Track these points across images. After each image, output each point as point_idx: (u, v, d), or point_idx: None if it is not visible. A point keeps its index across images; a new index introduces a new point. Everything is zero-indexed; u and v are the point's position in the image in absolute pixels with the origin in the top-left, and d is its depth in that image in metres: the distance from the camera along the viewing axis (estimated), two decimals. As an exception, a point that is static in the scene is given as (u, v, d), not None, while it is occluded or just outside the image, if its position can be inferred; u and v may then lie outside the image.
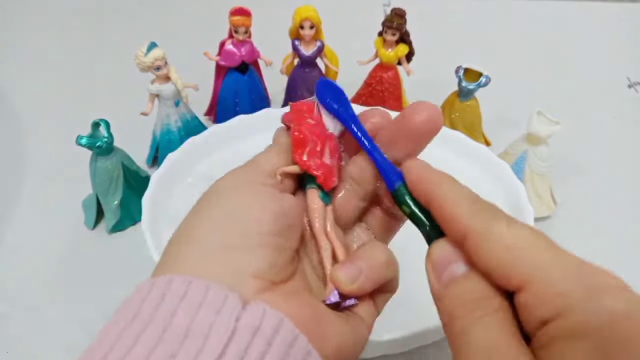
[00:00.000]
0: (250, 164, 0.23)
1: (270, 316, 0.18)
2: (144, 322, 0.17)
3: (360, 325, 0.23)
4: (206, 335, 0.17)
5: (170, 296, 0.18)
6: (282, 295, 0.20)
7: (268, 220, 0.21)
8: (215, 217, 0.21)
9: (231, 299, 0.18)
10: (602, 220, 0.47)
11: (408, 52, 0.49)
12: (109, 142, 0.41)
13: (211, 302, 0.18)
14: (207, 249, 0.20)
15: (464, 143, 0.45)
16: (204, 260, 0.19)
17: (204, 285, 0.18)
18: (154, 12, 0.77)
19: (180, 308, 0.17)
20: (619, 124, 0.58)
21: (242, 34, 0.48)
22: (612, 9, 0.80)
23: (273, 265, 0.20)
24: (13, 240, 0.44)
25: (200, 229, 0.21)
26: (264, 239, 0.20)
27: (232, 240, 0.20)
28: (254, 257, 0.20)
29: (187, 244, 0.20)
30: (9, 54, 0.68)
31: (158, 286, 0.18)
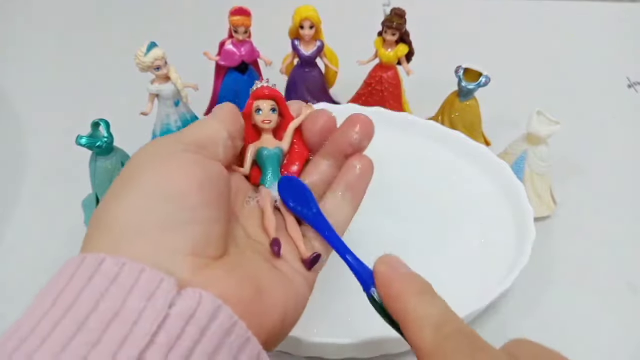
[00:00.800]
0: (168, 137, 0.22)
1: (206, 302, 0.17)
2: (68, 305, 0.16)
3: (302, 284, 0.23)
4: (134, 322, 0.16)
5: (100, 277, 0.17)
6: (223, 271, 0.19)
7: (194, 191, 0.19)
8: (138, 195, 0.19)
9: (166, 283, 0.17)
10: (602, 220, 0.47)
11: (408, 52, 0.49)
12: (109, 142, 0.41)
13: (144, 286, 0.16)
14: (131, 232, 0.18)
15: (464, 143, 0.45)
16: (128, 245, 0.18)
17: (139, 268, 0.17)
18: (154, 12, 0.77)
19: (110, 291, 0.16)
20: (619, 124, 0.58)
21: (242, 34, 0.48)
22: (612, 9, 0.80)
23: (209, 241, 0.19)
24: (13, 240, 0.44)
25: (123, 210, 0.19)
26: (193, 213, 0.19)
27: (158, 218, 0.19)
28: (187, 234, 0.19)
29: (111, 227, 0.19)
30: (9, 54, 0.68)
31: (87, 265, 0.17)
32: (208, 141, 0.22)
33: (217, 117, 0.24)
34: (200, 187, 0.20)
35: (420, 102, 0.55)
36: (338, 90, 0.56)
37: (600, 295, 0.41)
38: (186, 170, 0.20)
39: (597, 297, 0.41)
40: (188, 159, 0.21)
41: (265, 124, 0.26)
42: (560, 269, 0.42)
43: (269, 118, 0.26)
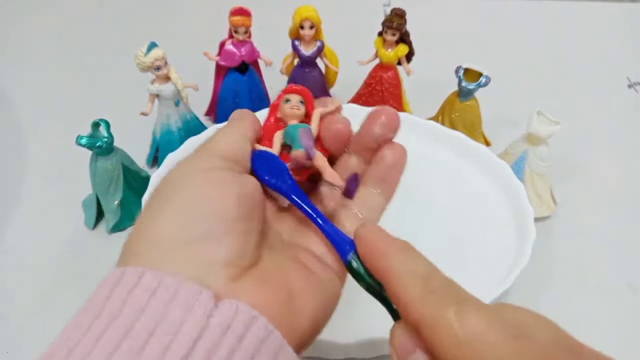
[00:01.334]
0: (201, 151, 0.23)
1: (242, 313, 0.18)
2: (110, 316, 0.17)
3: (334, 281, 0.23)
4: (176, 332, 0.16)
5: (140, 290, 0.17)
6: (256, 281, 0.20)
7: (233, 205, 0.20)
8: (174, 210, 0.20)
9: (204, 295, 0.17)
10: (602, 220, 0.47)
11: (408, 52, 0.49)
12: (109, 142, 0.41)
13: (183, 298, 0.17)
14: (171, 245, 0.19)
15: (464, 143, 0.45)
16: (169, 257, 0.19)
17: (176, 282, 0.18)
18: (154, 12, 0.77)
19: (150, 304, 0.17)
20: (619, 124, 0.58)
21: (242, 34, 0.48)
22: (612, 9, 0.80)
23: (243, 252, 0.20)
24: (13, 240, 0.44)
25: (159, 226, 0.20)
26: (230, 226, 0.20)
27: (198, 231, 0.19)
28: (223, 246, 0.19)
29: (149, 241, 0.19)
30: (9, 54, 0.68)
31: (128, 279, 0.18)
32: (239, 155, 0.23)
33: (238, 127, 0.24)
34: (237, 202, 0.20)
35: (420, 102, 0.55)
36: (338, 90, 0.56)
37: (600, 295, 0.41)
38: (224, 185, 0.21)
39: (597, 297, 0.41)
40: (225, 174, 0.21)
41: (294, 110, 0.26)
42: (560, 269, 0.42)
43: (297, 105, 0.27)
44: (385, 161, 0.26)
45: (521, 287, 0.40)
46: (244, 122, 0.25)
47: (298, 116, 0.27)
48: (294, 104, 0.26)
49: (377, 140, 0.26)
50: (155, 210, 0.20)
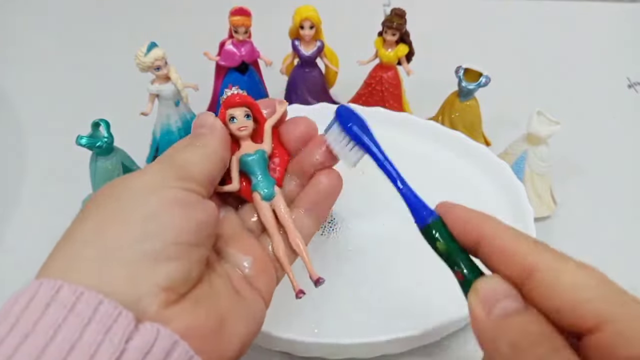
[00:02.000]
0: (170, 164, 0.22)
1: (163, 338, 0.17)
2: (23, 334, 0.16)
3: (261, 306, 0.23)
4: (91, 356, 0.16)
5: (56, 306, 0.16)
6: (190, 304, 0.19)
7: (191, 231, 0.20)
8: (129, 221, 0.19)
9: (124, 317, 0.17)
10: (602, 220, 0.47)
11: (408, 52, 0.49)
12: (109, 142, 0.41)
13: (101, 318, 0.16)
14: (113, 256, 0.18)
15: (464, 143, 0.45)
16: (107, 269, 0.18)
17: (96, 299, 0.17)
18: (154, 12, 0.77)
19: (67, 322, 0.16)
20: (619, 124, 0.58)
21: (242, 34, 0.48)
22: (612, 9, 0.80)
23: (186, 279, 0.20)
24: (13, 240, 0.44)
25: (109, 233, 0.19)
26: (183, 251, 0.19)
27: (146, 248, 0.18)
28: (168, 269, 0.19)
29: (89, 246, 0.19)
30: (9, 54, 0.68)
31: (44, 292, 0.17)
32: (206, 178, 0.22)
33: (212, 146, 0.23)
34: (196, 228, 0.20)
35: (420, 102, 0.55)
36: (338, 90, 0.56)
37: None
38: (187, 209, 0.20)
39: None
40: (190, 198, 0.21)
41: (241, 131, 0.25)
42: (560, 269, 0.42)
43: (244, 124, 0.25)
44: (320, 187, 0.26)
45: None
46: (217, 139, 0.24)
47: (247, 135, 0.26)
48: (240, 123, 0.25)
49: (315, 167, 0.26)
50: (108, 214, 0.19)
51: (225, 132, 0.24)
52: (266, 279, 0.24)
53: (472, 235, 0.20)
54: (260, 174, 0.26)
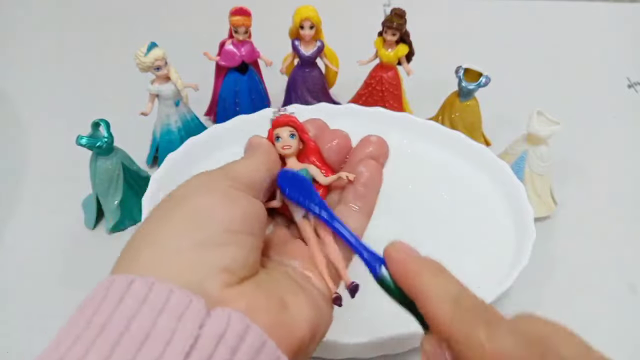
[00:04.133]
0: (218, 170, 0.23)
1: (235, 322, 0.17)
2: (100, 326, 0.16)
3: (324, 299, 0.23)
4: (167, 342, 0.16)
5: (130, 299, 0.17)
6: (251, 287, 0.20)
7: (238, 219, 0.21)
8: (181, 217, 0.20)
9: (195, 303, 0.17)
10: (602, 220, 0.47)
11: (408, 52, 0.49)
12: (109, 142, 0.41)
13: (174, 306, 0.17)
14: (171, 248, 0.19)
15: (464, 143, 0.45)
16: (168, 260, 0.19)
17: (167, 289, 0.17)
18: (154, 12, 0.77)
19: (141, 312, 0.16)
20: (619, 124, 0.58)
21: (242, 34, 0.48)
22: (612, 9, 0.80)
23: (243, 263, 0.20)
24: (12, 241, 0.44)
25: (164, 230, 0.20)
26: (234, 237, 0.20)
27: (200, 237, 0.19)
28: (224, 253, 0.20)
29: (149, 244, 0.19)
30: (9, 54, 0.68)
31: (117, 287, 0.17)
32: (254, 182, 0.24)
33: (260, 158, 0.25)
34: (243, 217, 0.21)
35: (420, 102, 0.55)
36: (338, 90, 0.56)
37: (600, 295, 0.41)
38: (232, 202, 0.21)
39: (597, 297, 0.41)
40: (234, 193, 0.22)
41: (285, 150, 0.27)
42: (560, 269, 0.42)
43: (288, 143, 0.27)
44: (361, 178, 0.27)
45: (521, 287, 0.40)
46: (264, 152, 0.25)
47: (292, 154, 0.27)
48: (284, 142, 0.26)
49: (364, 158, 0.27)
50: (161, 216, 0.21)
51: (271, 147, 0.26)
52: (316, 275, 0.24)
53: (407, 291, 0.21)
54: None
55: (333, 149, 0.28)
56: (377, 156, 0.28)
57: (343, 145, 0.28)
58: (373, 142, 0.28)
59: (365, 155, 0.28)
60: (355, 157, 0.28)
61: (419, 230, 0.40)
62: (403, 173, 0.44)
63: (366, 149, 0.28)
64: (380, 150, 0.28)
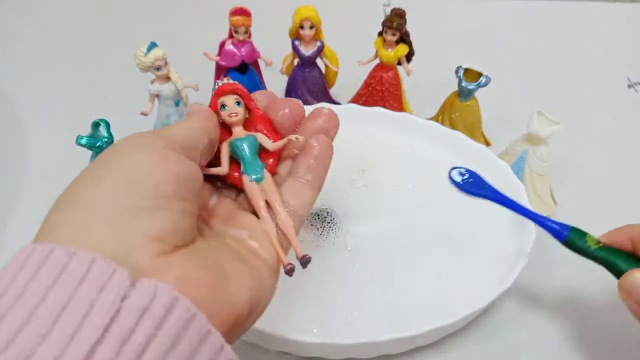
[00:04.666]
0: (156, 132, 0.22)
1: (162, 295, 0.16)
2: (15, 297, 0.15)
3: (268, 275, 0.23)
4: (85, 314, 0.15)
5: (49, 267, 0.16)
6: (186, 255, 0.19)
7: (170, 182, 0.20)
8: (110, 178, 0.19)
9: (118, 274, 0.16)
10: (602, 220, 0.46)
11: (408, 52, 0.49)
12: (109, 142, 0.41)
13: (95, 277, 0.16)
14: (98, 213, 0.18)
15: (464, 143, 0.45)
16: (94, 226, 0.18)
17: (89, 258, 0.16)
18: (154, 12, 0.77)
19: (59, 282, 0.16)
20: (619, 124, 0.58)
21: (242, 34, 0.48)
22: (612, 9, 0.80)
23: (175, 229, 0.19)
24: (13, 241, 0.44)
25: (91, 192, 0.19)
26: (165, 202, 0.19)
27: (129, 202, 0.18)
28: (154, 219, 0.19)
29: (75, 208, 0.18)
30: (9, 54, 0.68)
31: (36, 256, 0.16)
32: (189, 143, 0.23)
33: (198, 121, 0.24)
34: (176, 179, 0.20)
35: (420, 102, 0.55)
36: (338, 90, 0.56)
37: (600, 295, 0.41)
38: (164, 162, 0.20)
39: (597, 297, 0.41)
40: (167, 153, 0.21)
41: (232, 117, 0.26)
42: (560, 269, 0.42)
43: (235, 111, 0.26)
44: (313, 151, 0.27)
45: (521, 287, 0.40)
46: (203, 116, 0.25)
47: (239, 121, 0.27)
48: (231, 109, 0.26)
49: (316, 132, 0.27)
50: (90, 177, 0.20)
51: (211, 112, 0.25)
52: (268, 248, 0.24)
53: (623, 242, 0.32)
54: (250, 158, 0.26)
55: (286, 116, 0.28)
56: (327, 129, 0.28)
57: (296, 113, 0.28)
58: (324, 113, 0.28)
59: (316, 127, 0.28)
60: (306, 128, 0.28)
61: (419, 230, 0.40)
62: (403, 173, 0.44)
63: (317, 120, 0.28)
64: (331, 123, 0.28)
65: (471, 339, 0.37)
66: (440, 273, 0.37)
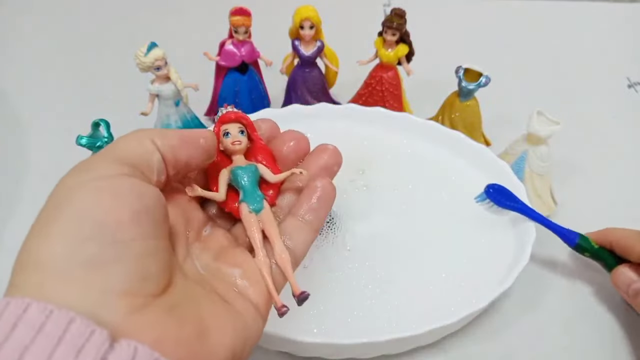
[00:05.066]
0: (95, 156, 0.20)
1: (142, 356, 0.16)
2: None
3: (255, 318, 0.22)
4: None
5: (24, 326, 0.15)
6: (162, 311, 0.18)
7: (127, 222, 0.18)
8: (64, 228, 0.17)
9: (97, 335, 0.15)
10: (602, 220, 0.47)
11: (408, 52, 0.49)
12: (109, 142, 0.40)
13: (72, 338, 0.15)
14: (60, 269, 0.17)
15: (464, 143, 0.45)
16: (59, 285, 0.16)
17: (67, 317, 0.15)
18: (154, 12, 0.77)
19: (35, 343, 0.15)
20: (619, 124, 0.58)
21: (242, 34, 0.48)
22: (612, 9, 0.80)
23: (145, 277, 0.18)
24: (13, 240, 0.43)
25: (44, 247, 0.17)
26: (125, 248, 0.17)
27: (87, 253, 0.17)
28: (120, 271, 0.17)
29: (35, 266, 0.17)
30: (9, 54, 0.68)
31: (11, 311, 0.15)
32: (141, 159, 0.20)
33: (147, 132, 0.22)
34: (133, 218, 0.18)
35: (420, 102, 0.55)
36: (338, 90, 0.56)
37: (600, 295, 0.41)
38: (117, 197, 0.18)
39: (596, 297, 0.41)
40: (121, 184, 0.19)
41: (235, 145, 0.26)
42: (560, 269, 0.42)
43: (238, 139, 0.26)
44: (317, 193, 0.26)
45: (521, 287, 0.40)
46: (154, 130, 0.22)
47: (242, 150, 0.26)
48: (235, 138, 0.25)
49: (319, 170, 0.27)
50: (40, 228, 0.18)
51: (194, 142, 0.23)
52: (260, 289, 0.23)
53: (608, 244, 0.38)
54: (250, 188, 0.25)
55: (292, 149, 0.28)
56: (331, 165, 0.28)
57: (301, 147, 0.28)
58: (329, 150, 0.28)
59: (320, 163, 0.27)
60: (309, 163, 0.28)
61: (419, 229, 0.40)
62: (403, 173, 0.44)
63: (321, 156, 0.28)
64: (334, 159, 0.28)
65: (471, 339, 0.37)
66: (440, 273, 0.37)
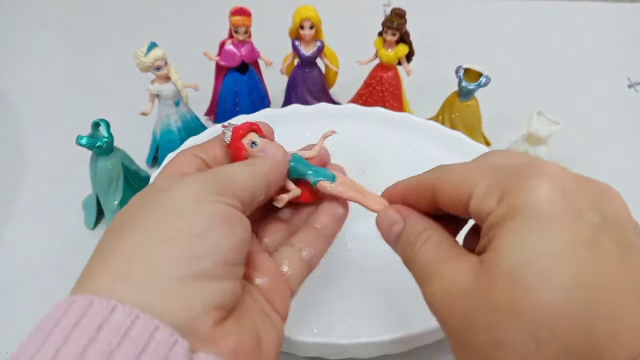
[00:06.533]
0: (213, 176, 0.21)
1: None
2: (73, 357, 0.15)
3: (281, 322, 0.24)
4: None
5: (110, 330, 0.15)
6: (234, 323, 0.19)
7: (237, 250, 0.20)
8: (176, 237, 0.18)
9: (179, 346, 0.16)
10: (602, 220, 0.47)
11: (408, 52, 0.49)
12: (109, 142, 0.41)
13: (157, 346, 0.15)
14: (165, 274, 0.17)
15: (464, 143, 0.45)
16: (161, 287, 0.17)
17: (152, 324, 0.16)
18: (154, 12, 0.77)
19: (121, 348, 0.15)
20: (619, 124, 0.58)
21: (242, 34, 0.48)
22: (612, 9, 0.80)
23: (233, 296, 0.19)
24: (12, 241, 0.44)
25: (157, 249, 0.18)
26: (230, 270, 0.19)
27: (199, 268, 0.18)
28: (219, 288, 0.19)
29: (143, 260, 0.17)
30: (9, 54, 0.68)
31: (96, 312, 0.16)
32: (249, 196, 0.22)
33: (262, 166, 0.23)
34: (241, 245, 0.20)
35: (420, 102, 0.55)
36: (338, 90, 0.56)
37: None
38: (233, 226, 0.20)
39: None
40: (234, 215, 0.20)
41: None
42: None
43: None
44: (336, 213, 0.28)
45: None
46: (269, 161, 0.24)
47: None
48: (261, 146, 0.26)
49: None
50: (152, 229, 0.19)
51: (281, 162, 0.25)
52: (282, 297, 0.24)
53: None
54: (314, 167, 0.27)
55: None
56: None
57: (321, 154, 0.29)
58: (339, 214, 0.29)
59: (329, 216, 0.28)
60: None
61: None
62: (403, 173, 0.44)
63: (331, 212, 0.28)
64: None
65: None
66: (440, 273, 0.37)
